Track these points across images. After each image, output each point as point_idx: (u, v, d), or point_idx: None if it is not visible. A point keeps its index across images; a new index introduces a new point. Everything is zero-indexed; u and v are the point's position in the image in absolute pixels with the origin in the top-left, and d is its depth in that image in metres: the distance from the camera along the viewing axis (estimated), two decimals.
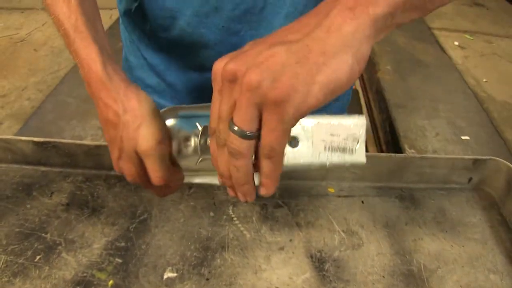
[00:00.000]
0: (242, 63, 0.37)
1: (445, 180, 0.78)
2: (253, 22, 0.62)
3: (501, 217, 0.74)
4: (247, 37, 0.64)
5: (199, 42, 0.66)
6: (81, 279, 0.61)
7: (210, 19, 0.62)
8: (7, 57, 1.83)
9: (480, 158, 0.76)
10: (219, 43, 0.65)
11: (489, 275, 0.65)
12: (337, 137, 0.50)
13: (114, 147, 0.52)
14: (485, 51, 2.01)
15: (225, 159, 0.41)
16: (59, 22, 0.53)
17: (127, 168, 0.53)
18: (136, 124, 0.49)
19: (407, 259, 0.66)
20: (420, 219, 0.73)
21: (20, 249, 0.64)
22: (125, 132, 0.50)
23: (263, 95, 0.35)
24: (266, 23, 0.62)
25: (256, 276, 0.63)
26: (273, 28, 0.63)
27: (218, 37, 0.64)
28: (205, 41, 0.65)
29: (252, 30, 0.63)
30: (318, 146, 0.51)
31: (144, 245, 0.66)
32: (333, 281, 0.63)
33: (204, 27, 0.63)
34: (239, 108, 0.37)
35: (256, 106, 0.36)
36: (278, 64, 0.35)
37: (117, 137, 0.51)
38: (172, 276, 0.62)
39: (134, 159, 0.51)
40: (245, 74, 0.36)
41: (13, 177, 0.76)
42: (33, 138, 0.74)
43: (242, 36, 0.64)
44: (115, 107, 0.50)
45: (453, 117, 1.58)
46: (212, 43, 0.65)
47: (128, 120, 0.49)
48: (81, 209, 0.71)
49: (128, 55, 0.80)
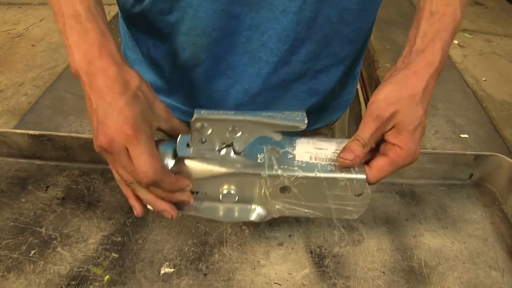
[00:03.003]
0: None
1: (446, 176, 0.78)
2: (253, 5, 0.60)
3: (502, 213, 0.74)
4: (247, 20, 0.62)
5: (197, 26, 0.64)
6: (77, 274, 0.60)
7: (210, 3, 0.61)
8: (4, 52, 1.82)
9: (482, 154, 0.75)
10: (217, 28, 0.63)
11: (490, 271, 0.64)
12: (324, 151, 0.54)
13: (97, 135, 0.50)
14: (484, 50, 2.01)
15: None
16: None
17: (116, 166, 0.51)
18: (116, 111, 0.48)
19: (408, 255, 0.65)
20: (420, 215, 0.72)
21: (15, 244, 0.63)
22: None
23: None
24: (267, 4, 0.60)
25: (254, 271, 0.62)
26: (274, 10, 0.61)
27: (217, 21, 0.62)
28: (203, 26, 0.63)
29: (252, 12, 0.62)
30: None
31: (141, 240, 0.65)
32: (333, 277, 0.62)
33: (203, 11, 0.61)
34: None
35: None
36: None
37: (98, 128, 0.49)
38: (169, 272, 0.61)
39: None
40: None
41: (8, 170, 0.75)
42: (29, 131, 0.73)
43: (241, 20, 0.63)
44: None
45: (452, 116, 1.58)
46: (211, 28, 0.63)
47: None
48: (77, 203, 0.70)
49: (127, 50, 0.79)
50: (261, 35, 0.64)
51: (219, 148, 0.52)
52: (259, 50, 0.65)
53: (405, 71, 0.53)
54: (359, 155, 0.51)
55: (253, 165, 0.52)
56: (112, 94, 0.48)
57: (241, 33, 0.64)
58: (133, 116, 0.47)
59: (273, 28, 0.63)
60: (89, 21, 0.50)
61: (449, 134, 1.48)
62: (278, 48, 0.64)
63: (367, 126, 0.51)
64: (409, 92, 0.51)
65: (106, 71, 0.48)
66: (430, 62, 0.52)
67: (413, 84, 0.52)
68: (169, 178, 0.51)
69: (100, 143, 0.48)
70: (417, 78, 0.52)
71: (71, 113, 1.47)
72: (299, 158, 0.53)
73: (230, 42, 0.65)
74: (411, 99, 0.51)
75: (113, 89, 0.48)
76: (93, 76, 0.48)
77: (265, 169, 0.52)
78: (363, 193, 0.54)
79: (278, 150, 0.54)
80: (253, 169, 0.52)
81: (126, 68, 0.50)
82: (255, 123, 0.48)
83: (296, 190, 0.53)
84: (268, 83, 0.69)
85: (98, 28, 0.50)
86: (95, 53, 0.49)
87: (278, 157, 0.53)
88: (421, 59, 0.53)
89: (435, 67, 0.52)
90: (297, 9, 0.61)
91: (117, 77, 0.48)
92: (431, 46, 0.52)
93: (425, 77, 0.52)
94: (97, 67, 0.48)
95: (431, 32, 0.53)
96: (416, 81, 0.52)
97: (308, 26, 0.63)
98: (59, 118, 1.46)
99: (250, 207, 0.57)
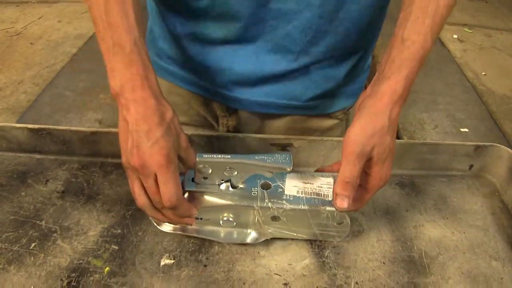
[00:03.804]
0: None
1: (446, 167, 0.78)
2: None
3: (503, 204, 0.73)
4: (275, 10, 0.66)
5: (227, 13, 0.66)
6: (77, 266, 0.60)
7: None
8: (3, 51, 1.82)
9: (482, 145, 0.75)
10: (247, 15, 0.66)
11: (491, 261, 0.64)
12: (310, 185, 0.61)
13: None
14: (484, 45, 2.01)
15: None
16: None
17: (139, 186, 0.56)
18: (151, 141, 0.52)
19: (408, 246, 0.65)
20: (420, 206, 0.72)
21: (15, 237, 0.63)
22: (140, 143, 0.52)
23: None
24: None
25: (254, 262, 0.62)
26: (300, 2, 0.64)
27: (247, 9, 0.65)
28: (232, 13, 0.66)
29: (280, 3, 0.65)
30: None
31: (141, 232, 0.65)
32: (333, 267, 0.62)
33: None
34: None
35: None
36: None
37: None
38: (169, 263, 0.61)
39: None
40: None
41: (8, 165, 0.75)
42: (28, 125, 0.73)
43: (268, 9, 0.65)
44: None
45: (452, 110, 1.58)
46: (241, 15, 0.66)
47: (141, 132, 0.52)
48: (77, 196, 0.70)
49: (153, 26, 0.81)
50: (286, 24, 0.67)
51: (218, 183, 0.60)
52: (283, 39, 0.69)
53: (373, 100, 0.55)
54: (350, 196, 0.55)
55: (248, 197, 0.60)
56: (150, 123, 0.52)
57: (267, 21, 0.67)
58: (167, 147, 0.52)
59: (297, 19, 0.66)
60: (134, 54, 0.54)
61: (449, 128, 1.48)
62: (301, 38, 0.68)
63: (353, 165, 0.53)
64: (380, 124, 0.54)
65: (146, 101, 0.53)
66: (394, 91, 0.54)
67: (380, 113, 0.54)
68: (185, 205, 0.58)
69: (134, 164, 0.53)
70: (382, 106, 0.54)
71: (71, 110, 1.47)
72: (287, 192, 0.60)
73: (256, 29, 0.68)
74: (381, 130, 0.54)
75: (151, 119, 0.52)
76: (134, 102, 0.52)
77: (258, 201, 0.60)
78: (343, 222, 0.61)
79: (269, 184, 0.61)
80: (248, 202, 0.60)
81: (163, 102, 0.55)
82: (248, 165, 0.57)
83: (284, 219, 0.61)
84: (287, 69, 0.73)
85: (142, 61, 0.54)
86: (138, 83, 0.53)
87: (269, 191, 0.61)
88: (386, 87, 0.55)
89: (398, 94, 0.54)
90: (320, 2, 0.64)
91: (156, 109, 0.53)
92: (397, 74, 0.55)
93: (389, 105, 0.54)
94: (139, 96, 0.53)
95: (399, 60, 0.55)
96: (381, 110, 0.54)
97: (330, 19, 0.66)
98: (58, 115, 1.46)
99: (246, 231, 0.64)
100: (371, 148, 0.53)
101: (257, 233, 0.63)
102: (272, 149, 0.76)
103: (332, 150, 0.76)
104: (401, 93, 0.54)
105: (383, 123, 0.54)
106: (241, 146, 0.75)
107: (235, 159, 0.57)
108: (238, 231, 0.64)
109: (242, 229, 0.63)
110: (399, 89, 0.54)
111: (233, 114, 0.83)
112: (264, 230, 0.63)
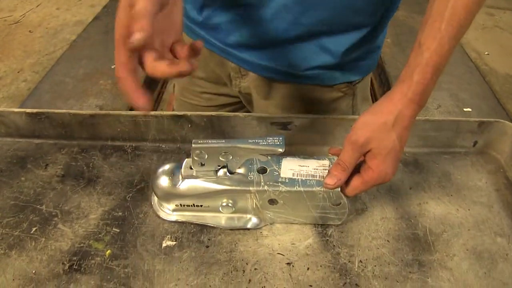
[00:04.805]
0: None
1: (450, 144, 0.77)
2: None
3: (507, 180, 0.73)
4: None
5: None
6: (78, 250, 0.59)
7: None
8: (2, 39, 1.81)
9: (486, 121, 0.74)
10: None
11: (496, 238, 0.63)
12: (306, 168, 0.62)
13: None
14: (486, 24, 1.98)
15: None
16: None
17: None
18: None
19: (412, 223, 0.65)
20: (424, 183, 0.71)
21: (16, 222, 0.63)
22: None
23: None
24: None
25: (257, 242, 0.61)
26: None
27: None
28: None
29: None
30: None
31: (142, 214, 0.64)
32: (336, 246, 0.61)
33: None
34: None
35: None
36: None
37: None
38: (171, 245, 0.61)
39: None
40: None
41: (7, 150, 0.74)
42: (26, 109, 0.73)
43: None
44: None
45: (455, 90, 1.56)
46: None
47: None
48: (77, 180, 0.69)
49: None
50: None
51: (215, 169, 0.61)
52: (280, 9, 0.70)
53: (384, 98, 0.57)
54: (341, 178, 0.57)
55: (244, 182, 0.61)
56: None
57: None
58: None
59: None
60: None
61: (452, 108, 1.47)
62: (293, 8, 0.69)
63: (346, 150, 0.57)
64: (382, 119, 0.56)
65: None
66: (405, 94, 0.55)
67: (386, 112, 0.56)
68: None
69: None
70: (391, 106, 0.56)
71: (71, 96, 1.46)
72: (283, 175, 0.61)
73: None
74: (383, 126, 0.55)
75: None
76: None
77: (254, 185, 0.60)
78: (340, 203, 0.61)
79: (266, 169, 0.62)
80: (244, 186, 0.61)
81: None
82: (242, 149, 0.58)
83: (282, 201, 0.61)
84: (283, 37, 0.74)
85: None
86: None
87: (265, 174, 0.61)
88: (398, 90, 0.56)
89: (408, 98, 0.55)
90: None
91: None
92: (409, 79, 0.55)
93: (398, 106, 0.55)
94: None
95: (414, 65, 0.56)
96: (389, 109, 0.56)
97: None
98: (59, 102, 1.45)
99: (246, 216, 0.64)
100: (365, 139, 0.55)
101: (257, 219, 0.64)
102: (272, 128, 0.76)
103: (334, 128, 0.75)
104: (411, 97, 0.55)
105: (386, 119, 0.55)
106: (241, 125, 0.76)
107: (229, 143, 0.58)
108: (239, 217, 0.64)
109: (242, 214, 0.64)
110: (410, 94, 0.55)
111: (245, 75, 0.84)
112: (264, 215, 0.63)
